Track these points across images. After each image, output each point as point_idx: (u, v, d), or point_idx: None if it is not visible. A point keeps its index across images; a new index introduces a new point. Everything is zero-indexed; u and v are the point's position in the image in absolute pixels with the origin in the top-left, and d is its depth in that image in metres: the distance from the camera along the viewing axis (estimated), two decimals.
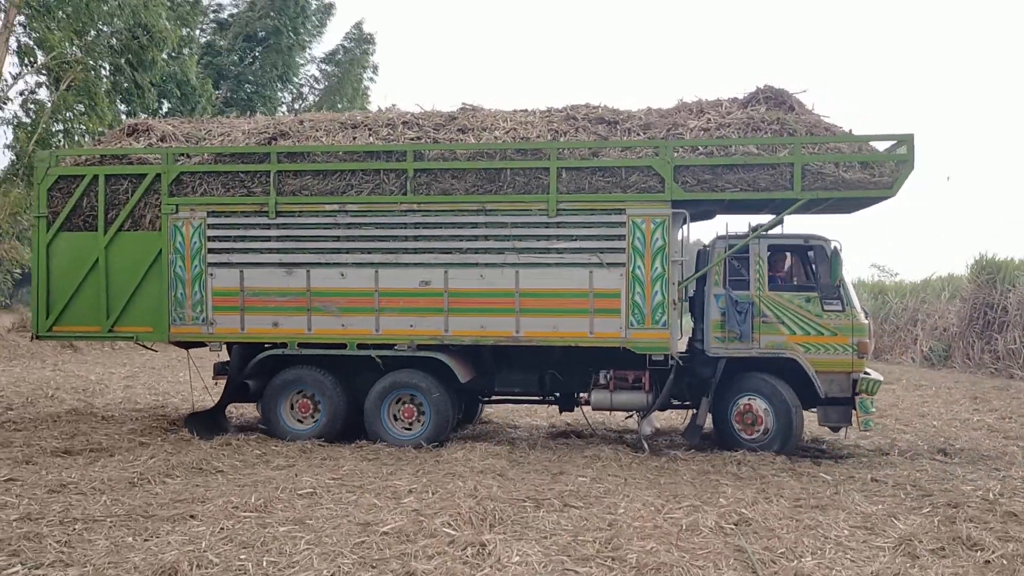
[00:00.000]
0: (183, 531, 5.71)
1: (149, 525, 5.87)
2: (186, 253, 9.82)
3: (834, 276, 9.19)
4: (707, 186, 9.10)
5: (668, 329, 9.13)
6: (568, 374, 10.03)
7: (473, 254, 9.41)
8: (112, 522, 5.93)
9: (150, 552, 5.23)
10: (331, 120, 10.45)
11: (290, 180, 9.67)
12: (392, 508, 6.43)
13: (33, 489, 6.95)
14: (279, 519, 6.06)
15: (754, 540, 5.88)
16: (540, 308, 9.31)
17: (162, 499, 6.63)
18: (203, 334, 9.92)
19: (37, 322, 10.18)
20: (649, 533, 5.87)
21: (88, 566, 4.96)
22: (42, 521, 5.89)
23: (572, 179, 9.28)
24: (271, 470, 7.92)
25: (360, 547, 5.43)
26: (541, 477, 7.85)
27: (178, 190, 9.86)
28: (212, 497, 6.67)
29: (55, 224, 10.07)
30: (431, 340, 9.51)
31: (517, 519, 6.28)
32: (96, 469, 7.80)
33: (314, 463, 8.31)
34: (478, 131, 9.86)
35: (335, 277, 9.61)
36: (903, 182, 8.93)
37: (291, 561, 5.17)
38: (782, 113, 9.63)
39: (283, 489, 6.95)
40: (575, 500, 6.92)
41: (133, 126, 10.87)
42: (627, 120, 9.91)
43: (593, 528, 6.05)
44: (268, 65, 33.99)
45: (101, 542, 5.45)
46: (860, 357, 9.19)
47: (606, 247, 9.23)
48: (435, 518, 6.02)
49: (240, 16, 34.73)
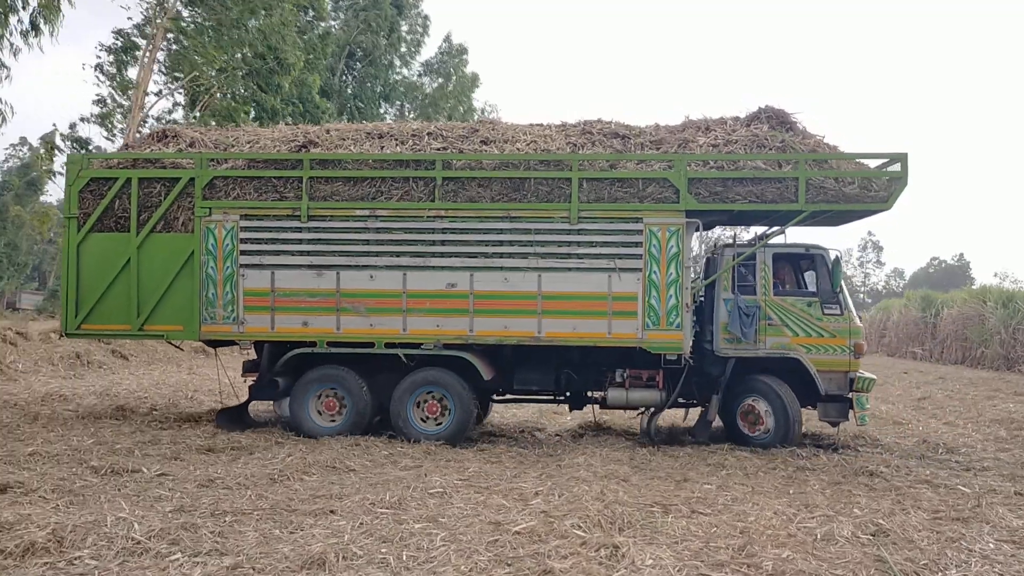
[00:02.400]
0: (325, 525, 5.98)
1: (293, 519, 6.13)
2: (218, 254, 10.17)
3: (835, 283, 9.95)
4: (718, 197, 9.78)
5: (682, 331, 9.77)
6: (583, 373, 10.59)
7: (498, 258, 9.94)
8: (259, 515, 6.20)
9: (297, 544, 5.48)
10: (357, 130, 10.92)
11: (322, 186, 10.09)
12: (521, 509, 6.58)
13: (184, 483, 7.26)
14: (414, 516, 6.29)
15: (894, 551, 5.77)
16: (561, 310, 9.86)
17: (302, 495, 6.90)
18: (233, 333, 10.26)
19: (66, 320, 10.41)
20: (783, 542, 5.82)
21: (242, 555, 5.20)
22: (195, 513, 6.20)
23: (592, 189, 9.88)
24: (400, 470, 8.17)
25: (494, 545, 5.59)
26: (665, 483, 7.86)
27: (211, 194, 10.21)
28: (349, 494, 6.94)
29: (86, 225, 10.34)
30: (456, 340, 10.00)
31: (646, 523, 6.27)
32: (239, 466, 8.11)
33: (440, 464, 8.54)
34: (500, 143, 10.42)
35: (364, 279, 10.04)
36: (898, 196, 9.73)
37: (429, 556, 5.34)
38: (783, 132, 10.39)
39: (414, 488, 7.21)
40: (703, 507, 6.89)
41: (163, 132, 11.19)
42: (639, 135, 10.57)
43: (724, 535, 5.98)
44: (370, 79, 34.17)
45: (251, 533, 5.73)
46: (856, 357, 9.96)
47: (624, 253, 9.83)
48: (564, 520, 6.13)
49: (338, 34, 35.04)
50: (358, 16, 34.95)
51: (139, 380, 16.77)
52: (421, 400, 10.16)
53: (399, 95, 37.23)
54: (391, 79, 35.55)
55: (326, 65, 32.40)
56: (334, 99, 33.48)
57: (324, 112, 29.23)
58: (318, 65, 28.40)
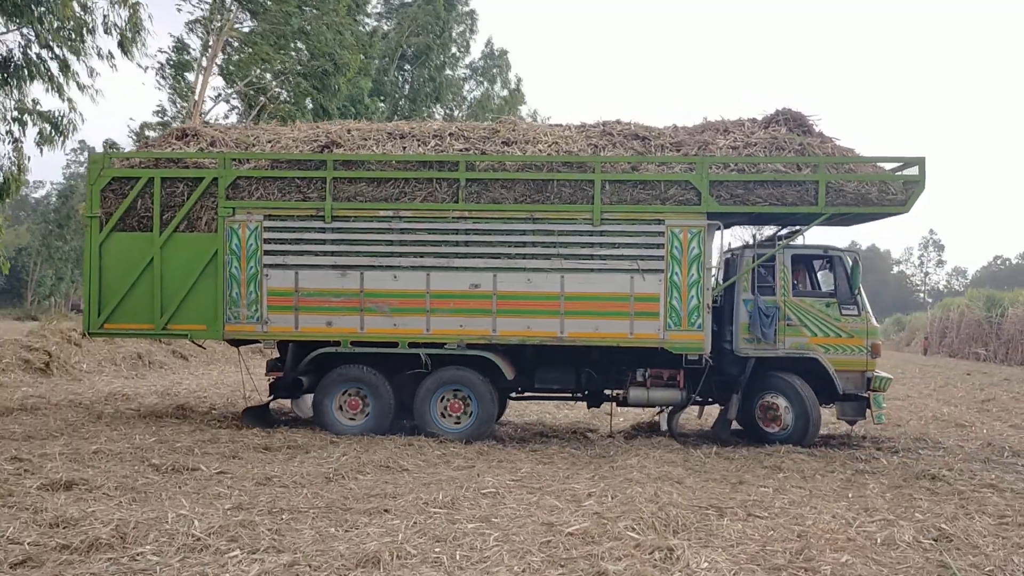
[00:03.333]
0: (380, 524, 6.03)
1: (348, 517, 6.20)
2: (242, 254, 10.21)
3: (854, 284, 10.12)
4: (740, 200, 9.91)
5: (703, 331, 9.91)
6: (602, 372, 10.71)
7: (521, 259, 10.03)
8: (315, 513, 6.27)
9: (352, 542, 5.56)
10: (379, 130, 10.97)
11: (346, 186, 10.15)
12: (573, 510, 6.55)
13: (242, 481, 7.35)
14: (467, 516, 6.31)
15: (957, 557, 5.67)
16: (583, 311, 9.98)
17: (357, 494, 6.97)
18: (257, 332, 10.32)
19: (89, 320, 10.42)
20: (842, 546, 5.75)
21: (298, 553, 5.27)
22: (253, 510, 6.27)
23: (615, 191, 9.99)
24: (452, 470, 8.21)
25: (547, 546, 5.60)
26: (720, 486, 7.78)
27: (235, 194, 10.25)
28: (402, 493, 7.00)
29: (108, 224, 10.35)
30: (479, 339, 10.09)
31: (701, 526, 6.20)
32: (295, 465, 8.17)
33: (492, 464, 8.58)
34: (521, 143, 10.50)
35: (388, 279, 10.12)
36: (915, 200, 9.91)
37: (483, 556, 5.37)
38: (801, 135, 10.53)
39: (467, 488, 7.24)
40: (759, 510, 6.80)
41: (183, 130, 11.20)
42: (658, 137, 10.67)
43: (781, 539, 5.92)
44: (421, 81, 34.10)
45: (307, 531, 5.81)
46: (873, 357, 10.14)
47: (646, 254, 9.96)
48: (618, 521, 6.13)
49: (391, 35, 35.00)
50: (409, 15, 34.98)
51: (198, 380, 17.16)
52: (444, 399, 10.26)
53: (448, 98, 37.07)
54: (441, 80, 35.41)
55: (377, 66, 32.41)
56: (386, 101, 33.45)
57: (374, 114, 29.28)
58: (369, 67, 28.34)
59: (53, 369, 16.33)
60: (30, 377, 15.73)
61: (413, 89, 35.11)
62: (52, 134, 18.10)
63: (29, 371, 16.01)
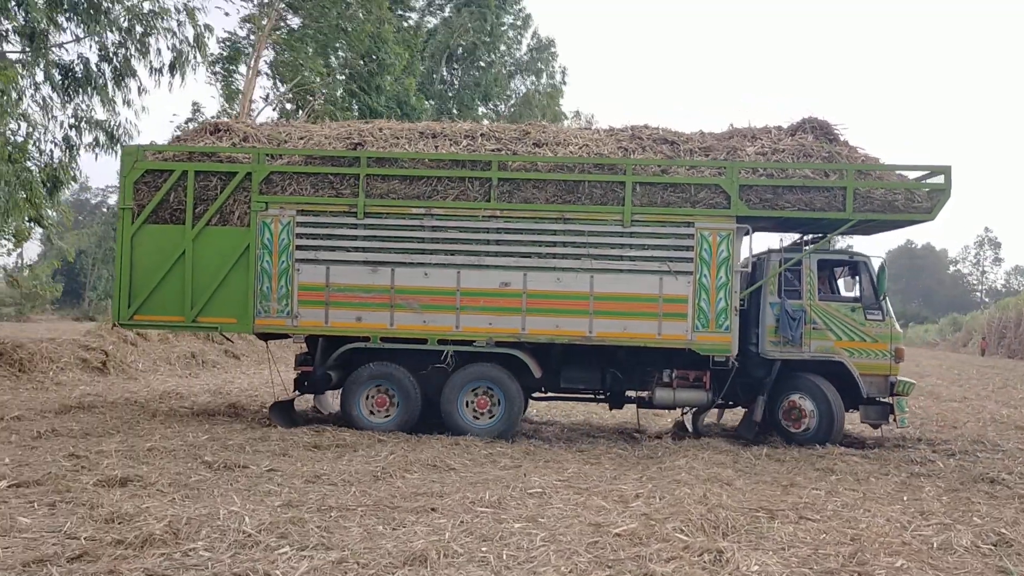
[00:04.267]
0: (427, 522, 6.06)
1: (396, 515, 6.24)
2: (274, 249, 10.29)
3: (880, 289, 10.26)
4: (768, 204, 10.03)
5: (730, 333, 10.03)
6: (628, 373, 10.83)
7: (551, 259, 10.13)
8: (363, 511, 6.33)
9: (400, 540, 5.57)
10: (410, 129, 11.06)
11: (378, 184, 10.23)
12: (621, 511, 6.53)
13: (292, 479, 7.40)
14: (513, 516, 6.30)
15: (1018, 562, 5.55)
16: (612, 311, 10.08)
17: (404, 492, 7.01)
18: (287, 327, 10.40)
19: (118, 310, 10.49)
20: (897, 550, 5.65)
21: (346, 550, 5.31)
22: (302, 508, 6.33)
23: (645, 193, 10.10)
24: (499, 469, 8.25)
25: (594, 547, 5.56)
26: (771, 488, 7.68)
27: (268, 189, 10.32)
28: (449, 492, 7.02)
29: (140, 216, 10.42)
30: (508, 337, 10.19)
31: (751, 529, 6.10)
32: (344, 463, 8.24)
33: (539, 464, 8.59)
34: (552, 145, 10.61)
35: (419, 276, 10.21)
36: (941, 208, 10.05)
37: (529, 556, 5.35)
38: (827, 143, 10.67)
39: (514, 488, 7.25)
40: (811, 513, 6.71)
41: (215, 125, 11.29)
42: (687, 142, 10.80)
43: (834, 542, 5.82)
44: (470, 83, 34.16)
45: (355, 529, 5.85)
46: (897, 362, 10.27)
47: (675, 256, 10.07)
48: (666, 523, 6.07)
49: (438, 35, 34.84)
50: (460, 13, 34.92)
51: (250, 379, 17.57)
52: (472, 396, 10.35)
53: (495, 95, 36.89)
54: (488, 78, 35.31)
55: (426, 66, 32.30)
56: (433, 100, 33.35)
57: (422, 113, 29.27)
58: (414, 66, 28.34)
59: (110, 368, 16.79)
60: (87, 376, 16.15)
61: (461, 88, 35.00)
62: (107, 142, 18.48)
63: (87, 370, 16.43)
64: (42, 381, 14.94)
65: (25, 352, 15.54)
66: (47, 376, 15.27)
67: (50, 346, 16.47)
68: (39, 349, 15.95)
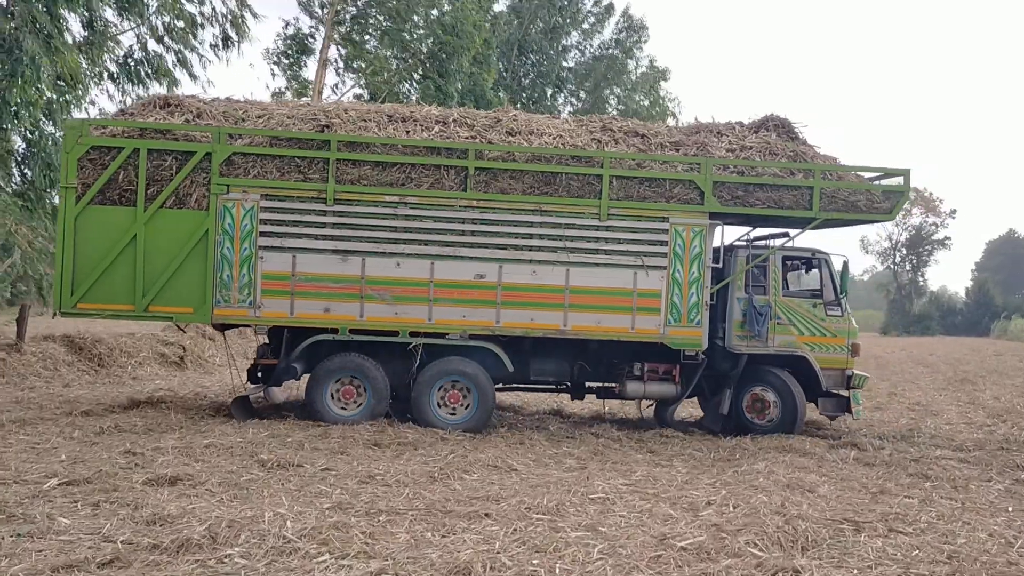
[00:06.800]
0: (478, 530, 5.71)
1: (447, 521, 5.90)
2: (235, 235, 9.72)
3: (843, 287, 10.65)
4: (740, 201, 10.22)
5: (701, 327, 10.18)
6: (596, 366, 10.85)
7: (527, 251, 10.00)
8: (413, 516, 5.99)
9: (446, 550, 5.24)
10: (378, 111, 10.64)
11: (349, 169, 9.81)
12: (689, 521, 6.09)
13: (345, 479, 7.06)
14: (572, 524, 5.89)
15: None
16: (587, 304, 10.06)
17: (460, 495, 6.69)
18: (249, 317, 9.86)
19: (60, 298, 9.67)
20: (1001, 571, 5.14)
21: (389, 559, 5.02)
22: (350, 511, 6.02)
23: (622, 187, 10.09)
24: (563, 471, 7.89)
25: (656, 561, 5.15)
26: (858, 496, 7.13)
27: (229, 170, 9.72)
28: (506, 496, 6.65)
29: (85, 196, 9.61)
30: (482, 330, 10.01)
31: (833, 543, 5.58)
32: (401, 462, 7.89)
33: (605, 467, 8.22)
34: (525, 134, 10.46)
35: (391, 266, 9.87)
36: (900, 208, 10.52)
37: (584, 571, 4.96)
38: (789, 140, 10.96)
39: (575, 492, 6.83)
40: (902, 525, 6.17)
41: (166, 99, 10.53)
42: (656, 135, 10.86)
43: (928, 560, 5.32)
44: (540, 73, 32.79)
45: (402, 535, 5.52)
46: (853, 356, 10.72)
47: (650, 251, 10.12)
48: (738, 535, 5.60)
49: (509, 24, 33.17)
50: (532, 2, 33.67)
51: None
52: (443, 389, 10.12)
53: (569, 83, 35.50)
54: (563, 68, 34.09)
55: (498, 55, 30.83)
56: (506, 93, 31.86)
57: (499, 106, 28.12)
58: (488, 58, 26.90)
59: (187, 363, 16.96)
60: (164, 370, 16.34)
61: (535, 79, 33.98)
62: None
63: (165, 364, 16.65)
64: (120, 376, 15.09)
65: (104, 347, 15.77)
66: (125, 371, 15.45)
67: (129, 341, 16.57)
68: (118, 344, 16.13)
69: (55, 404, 11.07)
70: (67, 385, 13.70)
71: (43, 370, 14.37)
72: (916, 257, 71.98)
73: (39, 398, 11.81)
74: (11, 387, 12.97)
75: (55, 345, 15.36)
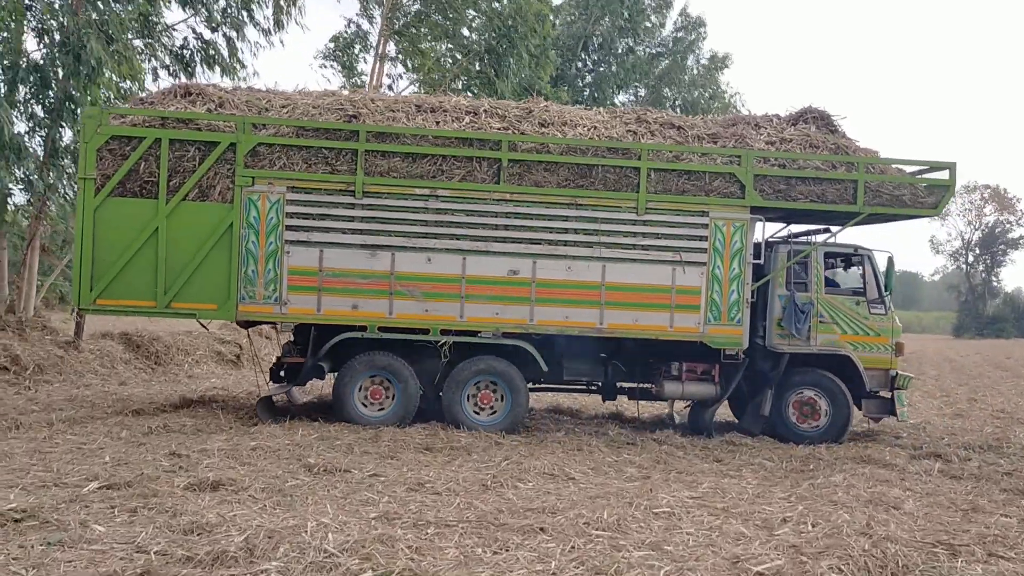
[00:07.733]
0: (532, 546, 5.22)
1: (499, 535, 5.46)
2: (261, 228, 9.38)
3: (888, 284, 10.28)
4: (782, 195, 9.85)
5: (742, 326, 9.82)
6: (631, 365, 10.49)
7: (562, 246, 9.65)
8: (463, 528, 5.60)
9: (497, 568, 4.79)
10: (406, 102, 10.31)
11: (378, 160, 9.47)
12: (764, 540, 5.54)
13: (393, 487, 6.74)
14: (634, 541, 5.40)
15: None
16: (624, 301, 9.70)
17: (513, 505, 6.26)
18: (275, 314, 9.52)
19: (79, 293, 9.32)
20: None
21: None
22: (397, 522, 5.65)
23: (660, 180, 9.74)
24: (624, 481, 7.46)
25: None
26: (949, 514, 6.56)
27: (254, 162, 9.38)
28: (563, 508, 6.17)
29: (105, 188, 9.27)
30: (515, 328, 9.66)
31: (927, 570, 5.00)
32: (453, 468, 7.56)
33: (670, 476, 7.76)
34: (558, 125, 10.10)
35: (421, 262, 9.53)
36: (946, 203, 10.15)
37: None
38: (828, 133, 10.60)
39: (637, 506, 6.36)
40: (1001, 548, 5.57)
41: (187, 88, 10.15)
42: (692, 127, 10.51)
43: None
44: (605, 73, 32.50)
45: (451, 550, 5.09)
46: (897, 356, 10.34)
47: (689, 246, 9.77)
48: (820, 559, 5.01)
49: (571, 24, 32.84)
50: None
51: None
52: (475, 389, 9.78)
53: (633, 79, 34.67)
54: (626, 64, 33.33)
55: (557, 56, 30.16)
56: (568, 90, 31.27)
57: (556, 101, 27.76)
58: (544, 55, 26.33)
59: (243, 362, 16.82)
60: (221, 369, 16.27)
61: (597, 76, 33.49)
62: None
63: (221, 363, 16.59)
64: (176, 374, 15.01)
65: (161, 345, 15.75)
66: (181, 369, 15.40)
67: (186, 339, 16.50)
68: (175, 342, 16.10)
69: (108, 403, 10.88)
70: (123, 383, 13.59)
71: (100, 368, 14.22)
72: (990, 257, 69.57)
73: (93, 396, 11.65)
74: (68, 385, 12.81)
75: (113, 343, 15.24)
